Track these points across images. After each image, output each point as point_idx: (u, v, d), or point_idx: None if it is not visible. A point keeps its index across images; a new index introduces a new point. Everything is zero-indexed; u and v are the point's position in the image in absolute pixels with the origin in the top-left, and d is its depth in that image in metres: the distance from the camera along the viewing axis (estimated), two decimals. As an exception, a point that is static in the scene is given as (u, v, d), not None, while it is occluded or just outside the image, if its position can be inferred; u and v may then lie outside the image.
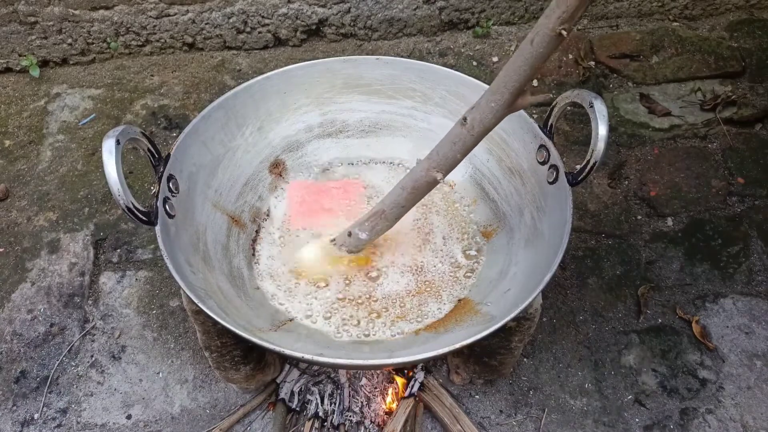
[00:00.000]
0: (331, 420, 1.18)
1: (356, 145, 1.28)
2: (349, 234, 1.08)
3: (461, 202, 1.22)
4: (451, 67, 1.42)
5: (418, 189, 0.98)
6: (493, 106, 0.86)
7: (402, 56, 1.80)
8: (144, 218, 0.91)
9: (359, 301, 1.08)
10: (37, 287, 1.37)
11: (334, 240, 1.13)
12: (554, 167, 1.04)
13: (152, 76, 1.77)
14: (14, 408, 1.22)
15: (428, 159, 0.96)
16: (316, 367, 1.24)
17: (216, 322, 0.87)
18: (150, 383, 1.24)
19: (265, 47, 1.83)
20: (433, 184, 0.97)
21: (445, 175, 0.95)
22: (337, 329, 1.05)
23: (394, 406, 1.19)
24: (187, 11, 1.72)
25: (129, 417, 1.21)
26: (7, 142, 1.62)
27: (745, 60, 1.79)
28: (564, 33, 0.75)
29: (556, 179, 1.03)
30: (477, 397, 1.23)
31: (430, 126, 1.25)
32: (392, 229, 1.09)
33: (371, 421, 1.18)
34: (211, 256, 1.07)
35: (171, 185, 1.02)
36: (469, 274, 1.12)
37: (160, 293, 1.36)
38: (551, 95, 0.87)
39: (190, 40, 1.79)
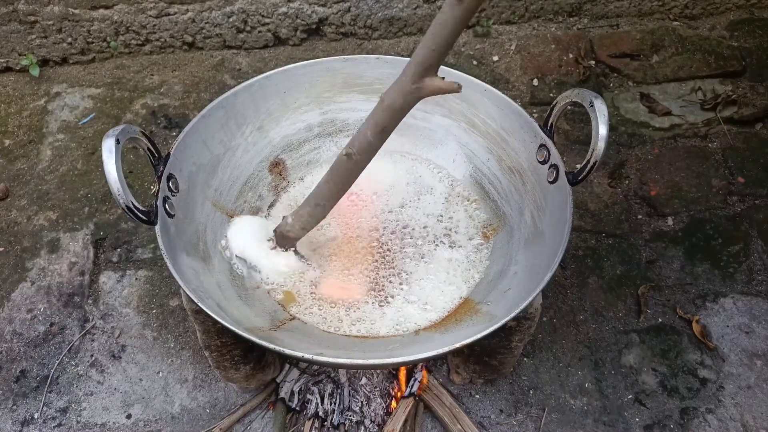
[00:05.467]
0: (331, 419, 1.18)
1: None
2: (283, 218, 1.07)
3: (462, 201, 1.22)
4: (452, 66, 1.42)
5: (333, 171, 0.97)
6: (401, 79, 0.84)
7: (402, 55, 1.80)
8: (144, 217, 0.91)
9: (359, 297, 1.08)
10: (37, 287, 1.37)
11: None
12: (554, 166, 1.04)
13: (152, 75, 1.77)
14: (14, 407, 1.22)
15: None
16: (315, 367, 1.24)
17: (216, 322, 0.87)
18: (150, 383, 1.24)
19: (265, 46, 1.83)
20: (344, 162, 0.94)
21: (354, 153, 0.93)
22: (337, 328, 1.05)
23: (393, 405, 1.19)
24: (187, 10, 1.72)
25: (129, 416, 1.21)
26: (7, 142, 1.62)
27: (745, 59, 1.79)
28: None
29: (556, 178, 1.03)
30: (477, 396, 1.23)
31: (430, 125, 1.25)
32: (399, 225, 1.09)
33: (371, 421, 1.18)
34: (211, 255, 1.07)
35: (171, 184, 1.02)
36: (480, 271, 1.12)
37: (160, 293, 1.36)
38: (457, 85, 0.82)
39: (189, 39, 1.79)
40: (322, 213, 1.03)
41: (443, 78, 0.84)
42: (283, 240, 1.09)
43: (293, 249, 1.11)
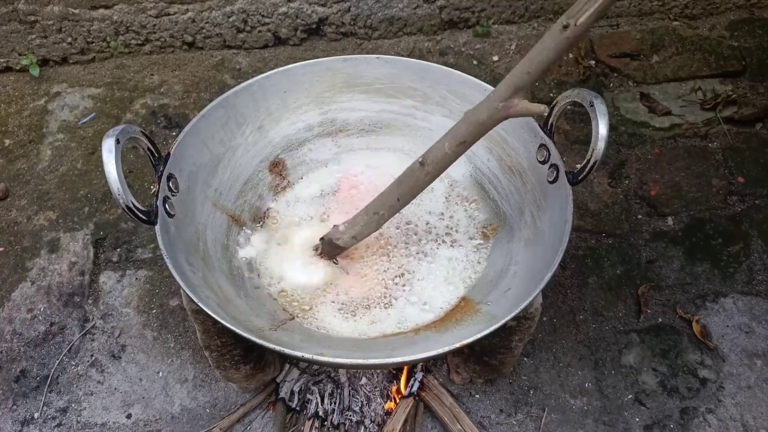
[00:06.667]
0: (331, 419, 1.18)
1: (356, 144, 1.28)
2: (335, 226, 1.07)
3: (461, 201, 1.22)
4: (452, 66, 1.42)
5: (403, 180, 0.97)
6: (490, 97, 0.86)
7: (402, 55, 1.80)
8: (144, 217, 0.91)
9: (360, 297, 1.08)
10: (37, 286, 1.37)
11: (319, 243, 1.11)
12: (554, 166, 1.04)
13: (152, 75, 1.77)
14: (14, 407, 1.22)
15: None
16: (316, 367, 1.24)
17: (216, 322, 0.87)
18: (150, 382, 1.24)
19: (265, 46, 1.83)
20: (416, 172, 0.94)
21: (428, 164, 0.93)
22: (338, 328, 1.05)
23: (393, 405, 1.19)
24: (187, 10, 1.72)
25: (129, 416, 1.21)
26: (7, 141, 1.62)
27: (745, 59, 1.79)
28: (566, 25, 0.76)
29: (556, 178, 1.03)
30: (477, 396, 1.23)
31: (431, 125, 1.24)
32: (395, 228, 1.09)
33: (371, 421, 1.18)
34: (210, 255, 1.07)
35: (171, 184, 1.02)
36: (477, 271, 1.12)
37: (160, 292, 1.36)
38: (544, 107, 0.86)
39: (190, 39, 1.79)
40: (378, 223, 1.03)
41: (529, 100, 0.87)
42: (331, 249, 1.09)
43: (334, 260, 1.12)
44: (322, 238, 1.11)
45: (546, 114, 0.86)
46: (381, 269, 1.12)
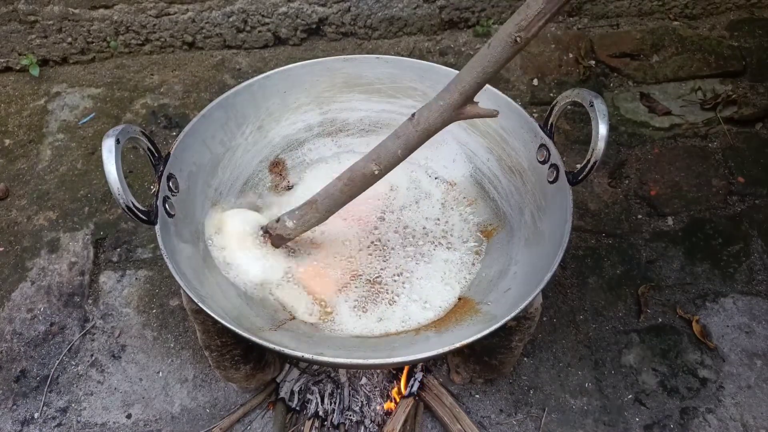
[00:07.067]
0: (331, 419, 1.18)
1: (356, 144, 1.28)
2: (278, 220, 1.07)
3: (462, 201, 1.22)
4: (452, 66, 1.42)
5: (354, 180, 0.98)
6: (441, 104, 0.87)
7: (402, 55, 1.80)
8: (144, 217, 0.91)
9: (361, 298, 1.08)
10: (37, 286, 1.37)
11: (264, 227, 1.10)
12: (554, 166, 1.04)
13: (152, 75, 1.77)
14: (14, 407, 1.22)
15: (371, 152, 0.96)
16: (316, 367, 1.24)
17: (216, 322, 0.87)
18: (150, 382, 1.24)
19: (265, 46, 1.83)
20: (370, 177, 0.96)
21: (382, 170, 0.95)
22: (339, 328, 1.05)
23: (393, 405, 1.19)
24: (187, 10, 1.72)
25: (129, 416, 1.21)
26: (7, 141, 1.62)
27: (745, 59, 1.79)
28: (518, 39, 0.78)
29: (556, 178, 1.03)
30: (477, 396, 1.23)
31: (431, 125, 1.24)
32: (392, 227, 1.08)
33: (371, 421, 1.18)
34: (211, 255, 1.07)
35: (171, 184, 1.02)
36: (471, 273, 1.12)
37: (160, 292, 1.36)
38: (496, 112, 0.89)
39: (190, 39, 1.79)
40: (327, 218, 1.04)
41: (478, 102, 0.88)
42: (279, 241, 1.09)
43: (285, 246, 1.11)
44: (266, 231, 1.09)
45: (497, 115, 0.89)
46: (378, 267, 1.12)
